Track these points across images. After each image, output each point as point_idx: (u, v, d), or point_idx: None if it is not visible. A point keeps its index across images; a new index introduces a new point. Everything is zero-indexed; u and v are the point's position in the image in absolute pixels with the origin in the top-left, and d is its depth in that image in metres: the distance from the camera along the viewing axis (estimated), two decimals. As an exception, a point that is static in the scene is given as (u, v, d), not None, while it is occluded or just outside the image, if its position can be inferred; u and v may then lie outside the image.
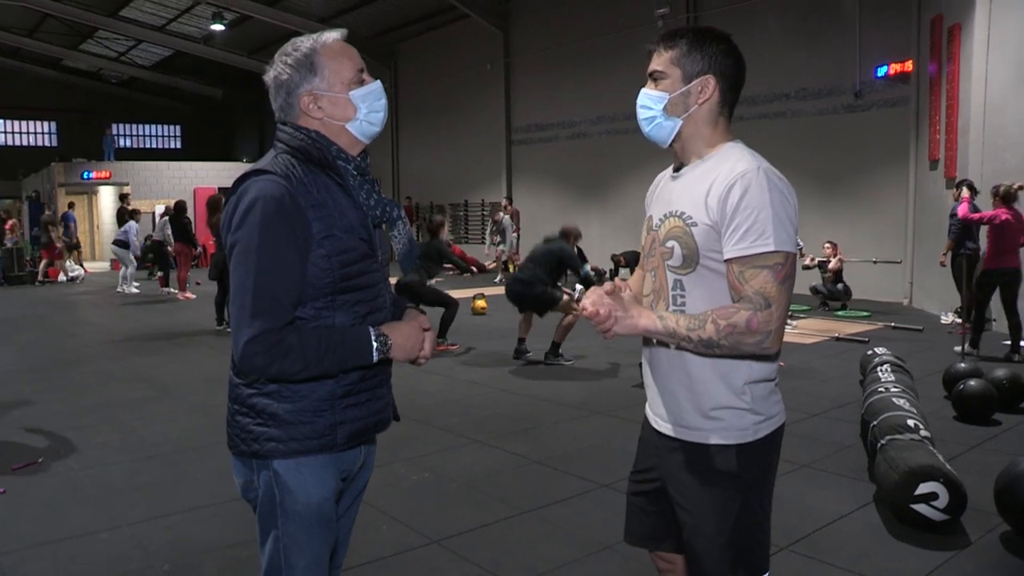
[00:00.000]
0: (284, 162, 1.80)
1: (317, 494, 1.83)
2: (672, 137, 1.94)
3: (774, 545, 3.53)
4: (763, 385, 1.89)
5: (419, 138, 22.85)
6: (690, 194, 1.88)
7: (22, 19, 25.54)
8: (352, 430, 1.87)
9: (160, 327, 10.98)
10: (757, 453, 1.89)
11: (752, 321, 1.72)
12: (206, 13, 22.32)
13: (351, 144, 1.90)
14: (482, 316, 11.48)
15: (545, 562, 3.47)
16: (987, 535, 3.67)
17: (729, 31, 1.98)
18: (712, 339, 1.75)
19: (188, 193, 21.92)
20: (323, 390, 1.82)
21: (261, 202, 1.71)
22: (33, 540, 3.79)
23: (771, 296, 1.74)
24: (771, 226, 1.74)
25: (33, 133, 34.51)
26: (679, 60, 1.89)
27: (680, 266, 1.89)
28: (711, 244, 1.82)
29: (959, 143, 10.14)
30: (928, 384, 6.43)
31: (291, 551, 1.85)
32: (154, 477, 4.71)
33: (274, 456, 1.82)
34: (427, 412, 6.08)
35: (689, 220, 1.86)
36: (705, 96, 1.89)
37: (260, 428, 1.82)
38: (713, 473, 1.88)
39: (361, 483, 2.09)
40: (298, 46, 1.86)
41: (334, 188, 1.83)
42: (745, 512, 1.88)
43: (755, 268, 1.75)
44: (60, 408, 6.36)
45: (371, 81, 1.92)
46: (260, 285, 1.70)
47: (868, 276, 12.36)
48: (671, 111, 1.91)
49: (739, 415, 1.87)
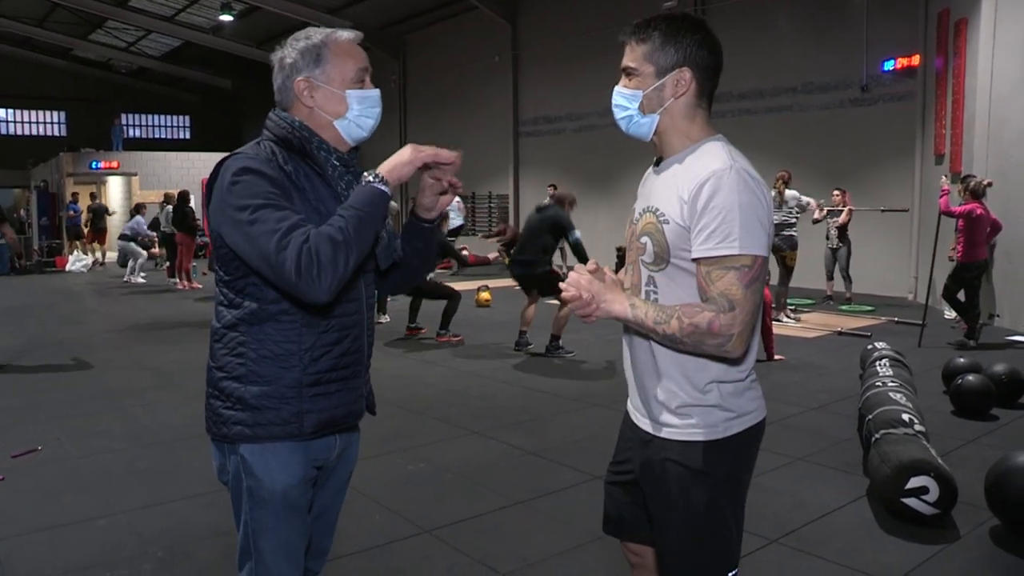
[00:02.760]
0: (266, 149, 1.83)
1: (282, 480, 1.86)
2: (651, 133, 1.91)
3: (764, 537, 3.57)
4: (733, 384, 1.87)
5: (427, 130, 22.81)
6: (666, 190, 1.86)
7: (32, 8, 25.61)
8: (319, 420, 1.88)
9: (165, 316, 11.05)
10: (727, 450, 1.86)
11: (714, 323, 1.70)
12: (215, 3, 22.29)
13: (336, 140, 1.92)
14: (486, 308, 11.50)
15: (537, 552, 3.50)
16: (977, 529, 3.67)
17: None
18: (675, 335, 1.74)
19: (196, 183, 21.90)
20: (289, 377, 1.84)
21: (239, 172, 1.75)
22: (30, 527, 3.84)
23: (735, 299, 1.71)
24: (738, 228, 1.71)
25: (42, 123, 34.59)
26: (652, 55, 1.85)
27: (652, 263, 1.88)
28: (681, 243, 1.80)
29: (965, 138, 10.09)
30: (928, 378, 6.42)
31: (259, 535, 1.89)
32: (152, 464, 4.75)
33: (240, 440, 1.85)
34: (426, 403, 6.10)
35: (662, 217, 1.84)
36: (681, 89, 1.85)
37: (228, 411, 1.86)
38: (681, 469, 1.86)
39: (344, 473, 2.11)
40: (310, 35, 1.90)
41: (314, 176, 1.86)
42: (713, 508, 1.86)
43: (721, 269, 1.73)
44: (62, 396, 6.41)
45: (371, 88, 1.93)
46: (279, 223, 1.67)
47: (873, 270, 12.32)
48: (647, 108, 1.88)
49: (707, 412, 1.85)
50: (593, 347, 8.24)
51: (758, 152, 14.27)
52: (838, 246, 11.38)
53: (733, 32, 14.23)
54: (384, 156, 1.87)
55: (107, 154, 25.03)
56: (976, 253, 8.20)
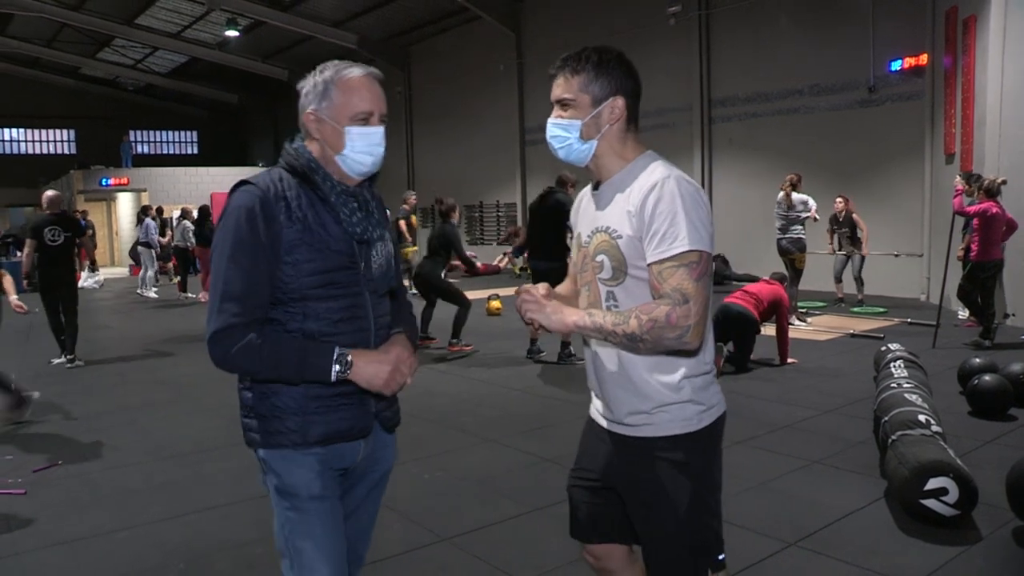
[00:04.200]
0: (276, 175, 1.93)
1: (300, 475, 1.93)
2: (589, 158, 2.03)
3: (782, 540, 3.57)
4: (703, 377, 1.99)
5: (433, 140, 22.92)
6: (612, 208, 1.98)
7: (40, 30, 25.89)
8: (324, 432, 1.94)
9: (178, 330, 11.10)
10: (703, 441, 1.98)
11: (671, 315, 1.80)
12: (220, 19, 22.47)
13: (340, 175, 1.98)
14: (497, 317, 11.51)
15: (553, 559, 3.49)
16: (999, 530, 3.65)
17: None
18: (635, 333, 1.83)
19: (205, 198, 22.03)
20: (294, 389, 1.92)
21: (235, 211, 1.86)
22: (53, 539, 3.87)
23: (688, 292, 1.82)
24: (684, 228, 1.84)
25: (52, 141, 34.89)
26: (587, 86, 1.97)
27: (610, 278, 1.99)
28: (635, 254, 1.92)
29: (975, 136, 10.06)
30: (944, 379, 6.39)
31: (294, 534, 1.96)
32: (170, 477, 4.78)
33: (256, 446, 1.97)
34: (441, 412, 6.11)
35: (615, 233, 1.96)
36: (616, 116, 1.99)
37: (246, 419, 1.98)
38: (663, 464, 1.96)
39: (375, 475, 2.15)
40: (324, 69, 1.96)
41: (318, 203, 1.93)
42: (696, 499, 1.97)
43: (672, 267, 1.84)
44: (79, 411, 6.45)
45: (376, 126, 1.96)
46: (226, 285, 1.84)
47: (885, 271, 12.28)
48: (586, 135, 2.00)
49: (682, 407, 1.96)
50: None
51: (765, 155, 14.28)
52: (851, 252, 11.36)
53: (738, 35, 14.28)
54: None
55: (116, 171, 25.25)
56: (991, 252, 8.16)
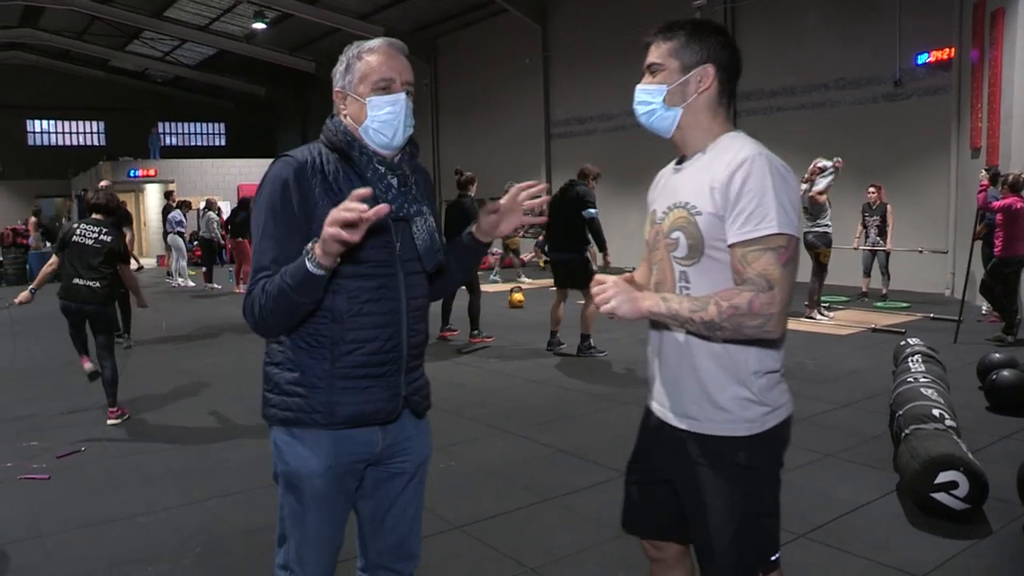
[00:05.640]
0: (315, 149, 1.95)
1: (308, 468, 1.93)
2: (674, 127, 1.94)
3: (791, 532, 3.58)
4: (768, 376, 1.90)
5: (459, 132, 22.96)
6: (694, 184, 1.89)
7: (71, 23, 26.23)
8: (350, 412, 1.93)
9: (203, 321, 11.25)
10: (765, 444, 1.90)
11: (754, 303, 1.73)
12: (248, 12, 22.65)
13: (375, 150, 1.97)
14: (519, 309, 11.54)
15: (564, 548, 3.54)
16: (1009, 525, 3.64)
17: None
18: (714, 321, 1.76)
19: (232, 190, 22.26)
20: (320, 368, 1.92)
21: (270, 181, 1.91)
22: (76, 523, 3.98)
23: (773, 278, 1.74)
24: (774, 209, 1.76)
25: (82, 133, 35.33)
26: (677, 51, 1.91)
27: (685, 256, 1.90)
28: (715, 233, 1.83)
29: (1002, 130, 9.93)
30: (964, 374, 6.35)
31: (289, 523, 1.97)
32: (189, 464, 4.87)
33: (273, 421, 1.97)
34: (459, 403, 6.17)
35: (694, 210, 1.86)
36: (705, 85, 1.90)
37: (268, 394, 1.99)
38: (722, 464, 1.89)
39: (409, 465, 2.12)
40: (350, 46, 1.98)
41: (354, 177, 1.93)
42: (755, 501, 1.91)
43: (758, 251, 1.76)
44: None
45: (398, 91, 1.93)
46: (259, 255, 1.89)
47: (909, 267, 12.16)
48: (670, 102, 1.92)
49: (746, 406, 1.88)
50: (625, 346, 8.24)
51: (791, 150, 14.12)
52: (876, 243, 11.25)
53: (763, 29, 14.16)
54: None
55: (145, 162, 25.52)
56: (1016, 248, 8.03)
